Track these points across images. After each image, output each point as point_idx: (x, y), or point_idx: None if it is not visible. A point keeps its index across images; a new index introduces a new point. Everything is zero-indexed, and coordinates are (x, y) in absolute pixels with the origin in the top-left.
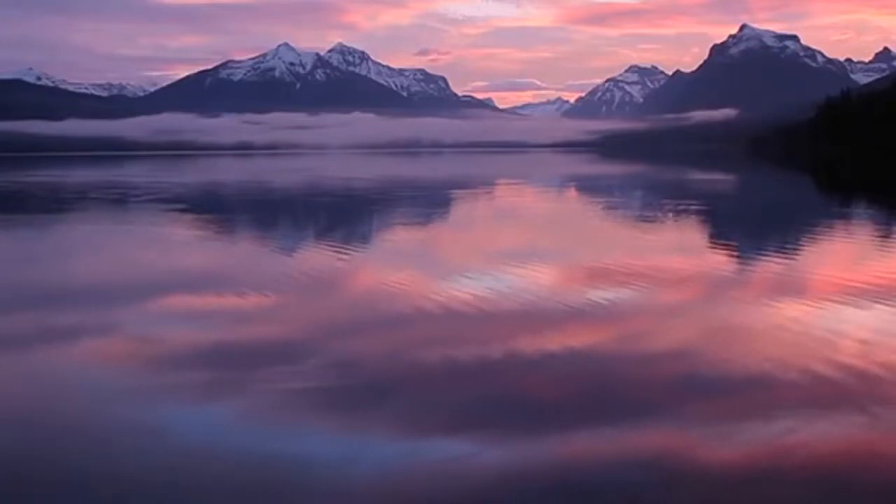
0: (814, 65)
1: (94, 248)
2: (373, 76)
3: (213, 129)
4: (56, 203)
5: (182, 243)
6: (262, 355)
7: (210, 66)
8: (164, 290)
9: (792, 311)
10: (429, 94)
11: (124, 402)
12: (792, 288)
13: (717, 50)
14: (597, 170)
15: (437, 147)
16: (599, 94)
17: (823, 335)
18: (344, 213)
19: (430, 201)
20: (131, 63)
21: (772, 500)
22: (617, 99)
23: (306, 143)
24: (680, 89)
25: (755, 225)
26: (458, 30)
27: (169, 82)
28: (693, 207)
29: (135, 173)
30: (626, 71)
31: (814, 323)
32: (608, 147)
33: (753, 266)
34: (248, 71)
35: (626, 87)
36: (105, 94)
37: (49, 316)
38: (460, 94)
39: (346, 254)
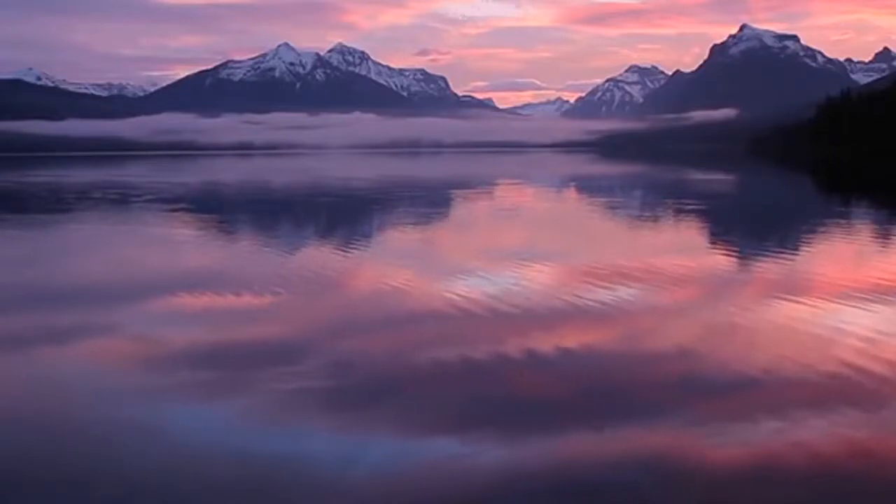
0: (814, 65)
1: (94, 248)
2: (373, 76)
3: (213, 129)
4: (56, 203)
5: (182, 243)
6: (262, 355)
7: (210, 66)
8: (165, 290)
9: (792, 311)
10: (429, 94)
11: (124, 402)
12: (792, 288)
13: (717, 50)
14: (597, 170)
15: (437, 147)
16: (599, 94)
17: (823, 335)
18: (344, 214)
19: (430, 201)
20: (131, 63)
21: (772, 500)
22: (617, 99)
23: (306, 143)
24: (680, 89)
25: (756, 225)
26: (458, 30)
27: (169, 82)
28: (694, 207)
29: (135, 173)
30: (626, 71)
31: (814, 323)
32: (608, 147)
33: (754, 266)
34: (248, 71)
35: (626, 87)
36: (105, 94)
37: (49, 316)
38: (460, 94)
39: (346, 254)
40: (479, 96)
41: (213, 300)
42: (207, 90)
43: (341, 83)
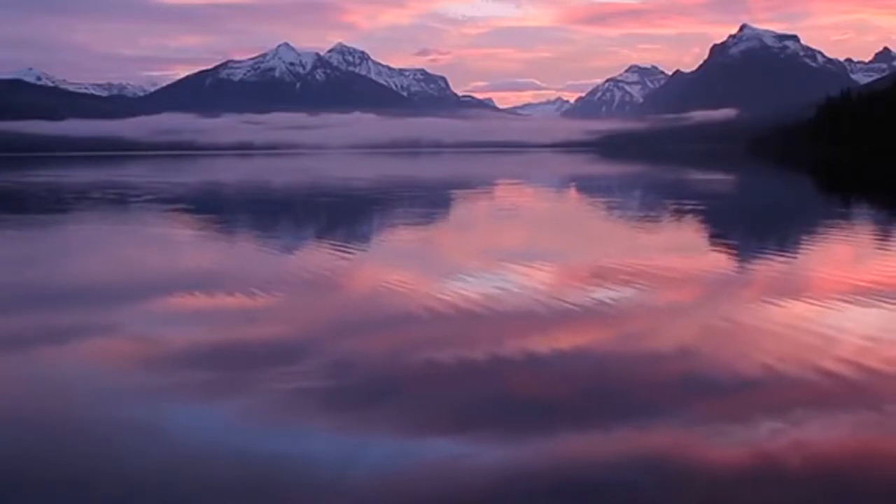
0: (814, 65)
1: (94, 248)
2: (373, 76)
3: (213, 129)
4: (56, 203)
5: (183, 243)
6: (262, 355)
7: (210, 66)
8: (165, 290)
9: (792, 311)
10: (429, 94)
11: (124, 402)
12: (792, 288)
13: (717, 50)
14: (597, 170)
15: (437, 147)
16: (599, 94)
17: (823, 335)
18: (344, 214)
19: (430, 202)
20: (131, 63)
21: (772, 500)
22: (617, 99)
23: (306, 143)
24: (680, 89)
25: (756, 225)
26: (458, 30)
27: (169, 82)
28: (694, 208)
29: (135, 173)
30: (626, 71)
31: (814, 323)
32: (608, 147)
33: (754, 266)
34: (248, 71)
35: (626, 87)
36: (105, 94)
37: (49, 316)
38: (460, 94)
39: (346, 254)
40: (479, 96)
41: (213, 300)
42: (207, 90)
43: (341, 83)
